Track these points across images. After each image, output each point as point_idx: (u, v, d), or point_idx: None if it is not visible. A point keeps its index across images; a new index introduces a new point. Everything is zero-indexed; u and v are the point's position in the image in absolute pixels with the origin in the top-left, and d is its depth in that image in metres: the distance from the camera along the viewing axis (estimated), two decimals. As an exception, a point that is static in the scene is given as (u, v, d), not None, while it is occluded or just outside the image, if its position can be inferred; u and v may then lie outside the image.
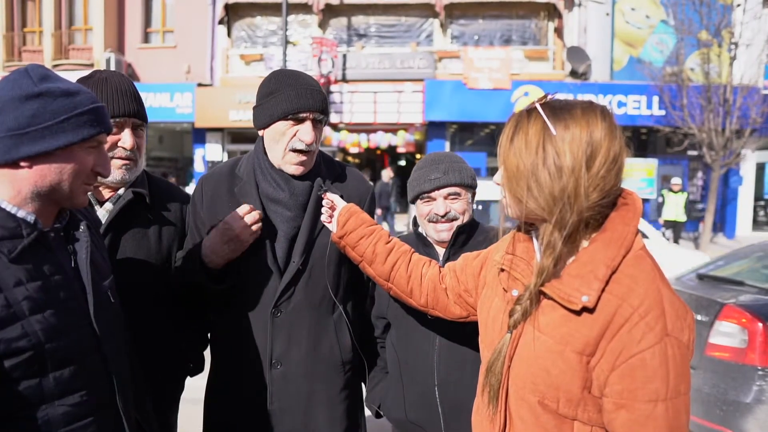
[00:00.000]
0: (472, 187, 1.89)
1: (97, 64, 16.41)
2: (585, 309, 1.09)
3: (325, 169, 1.93)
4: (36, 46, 17.62)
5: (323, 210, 1.77)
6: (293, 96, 1.74)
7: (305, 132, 1.76)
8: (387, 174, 14.71)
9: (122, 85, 1.72)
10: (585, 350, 1.08)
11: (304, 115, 1.75)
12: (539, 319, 1.16)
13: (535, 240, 1.24)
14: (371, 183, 2.05)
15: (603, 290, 1.08)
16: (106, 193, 1.77)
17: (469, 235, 1.89)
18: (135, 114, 1.73)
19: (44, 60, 16.72)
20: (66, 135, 1.16)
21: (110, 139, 1.68)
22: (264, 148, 1.86)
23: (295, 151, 1.77)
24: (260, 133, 1.85)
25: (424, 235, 1.94)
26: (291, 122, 1.76)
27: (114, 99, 1.68)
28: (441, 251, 1.90)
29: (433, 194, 1.85)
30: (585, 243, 1.15)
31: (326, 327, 1.86)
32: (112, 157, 1.70)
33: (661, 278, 1.11)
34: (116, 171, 1.72)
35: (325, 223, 1.77)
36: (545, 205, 1.12)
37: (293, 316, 1.82)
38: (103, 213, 1.74)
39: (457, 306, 1.56)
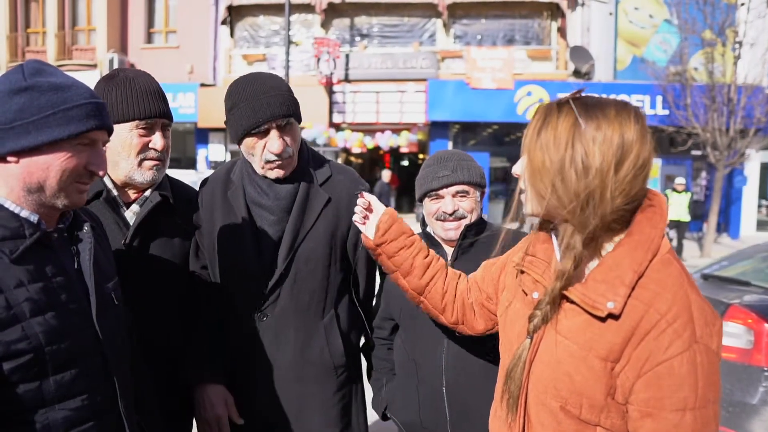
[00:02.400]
0: (480, 186, 1.86)
1: (101, 65, 16.44)
2: (610, 315, 1.05)
3: (314, 167, 1.89)
4: (39, 46, 17.66)
5: (357, 210, 1.65)
6: (249, 111, 1.68)
7: (272, 143, 1.71)
8: (387, 174, 14.67)
9: (150, 85, 1.67)
10: (609, 356, 1.05)
11: (266, 126, 1.70)
12: (561, 322, 1.12)
13: (555, 241, 1.20)
14: (366, 183, 1.98)
15: (629, 296, 1.05)
16: (132, 195, 1.74)
17: (477, 234, 1.86)
18: (164, 114, 1.70)
19: (47, 60, 16.73)
20: (51, 130, 1.12)
21: (141, 140, 1.66)
22: None
23: (269, 162, 1.75)
24: (238, 146, 1.82)
25: (432, 234, 1.92)
26: (256, 137, 1.72)
27: (143, 99, 1.64)
28: (449, 250, 1.88)
29: (441, 192, 1.82)
30: (608, 245, 1.12)
31: (315, 331, 1.84)
32: (143, 159, 1.68)
33: (689, 283, 1.07)
34: (147, 172, 1.69)
35: (358, 225, 1.66)
36: (569, 205, 1.08)
37: (280, 320, 1.81)
38: (130, 215, 1.72)
39: (480, 319, 1.53)
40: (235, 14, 16.71)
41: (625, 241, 1.09)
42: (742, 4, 13.74)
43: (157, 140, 1.69)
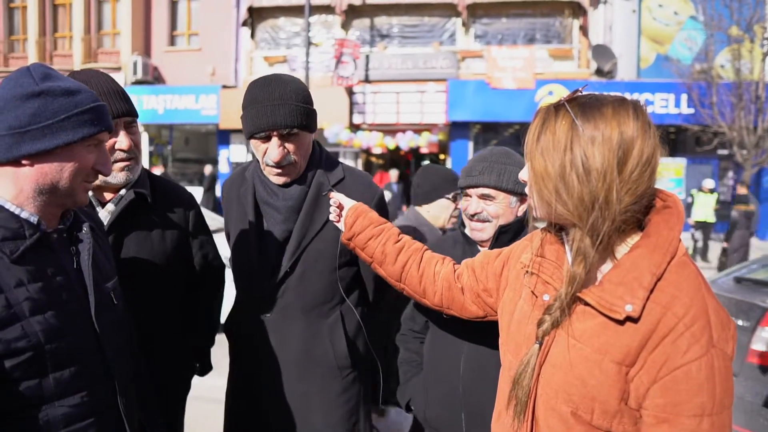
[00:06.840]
0: (513, 192, 1.77)
1: (125, 67, 16.74)
2: (628, 318, 1.03)
3: (326, 171, 1.89)
4: (66, 50, 18.02)
5: (331, 209, 1.73)
6: (254, 115, 1.71)
7: (271, 151, 1.74)
8: (394, 173, 14.47)
9: (106, 86, 1.67)
10: (625, 360, 1.03)
11: (266, 133, 1.72)
12: (575, 326, 1.09)
13: (566, 243, 1.17)
14: (379, 187, 1.98)
15: (647, 299, 1.02)
16: (108, 195, 1.76)
17: (514, 237, 1.78)
18: (126, 113, 1.70)
19: (74, 63, 17.11)
20: (66, 133, 1.17)
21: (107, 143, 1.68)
22: None
23: (269, 166, 1.77)
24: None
25: (469, 234, 1.88)
26: (259, 140, 1.75)
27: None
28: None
29: (468, 191, 1.81)
30: (622, 247, 1.09)
31: (319, 332, 1.85)
32: (113, 161, 1.69)
33: (705, 286, 1.05)
34: (119, 174, 1.71)
35: (335, 223, 1.73)
36: (575, 211, 1.06)
37: (283, 318, 1.83)
38: (105, 214, 1.74)
39: (474, 305, 1.50)
40: (256, 16, 16.86)
41: (642, 243, 1.06)
42: (771, 0, 13.43)
43: (122, 140, 1.70)
